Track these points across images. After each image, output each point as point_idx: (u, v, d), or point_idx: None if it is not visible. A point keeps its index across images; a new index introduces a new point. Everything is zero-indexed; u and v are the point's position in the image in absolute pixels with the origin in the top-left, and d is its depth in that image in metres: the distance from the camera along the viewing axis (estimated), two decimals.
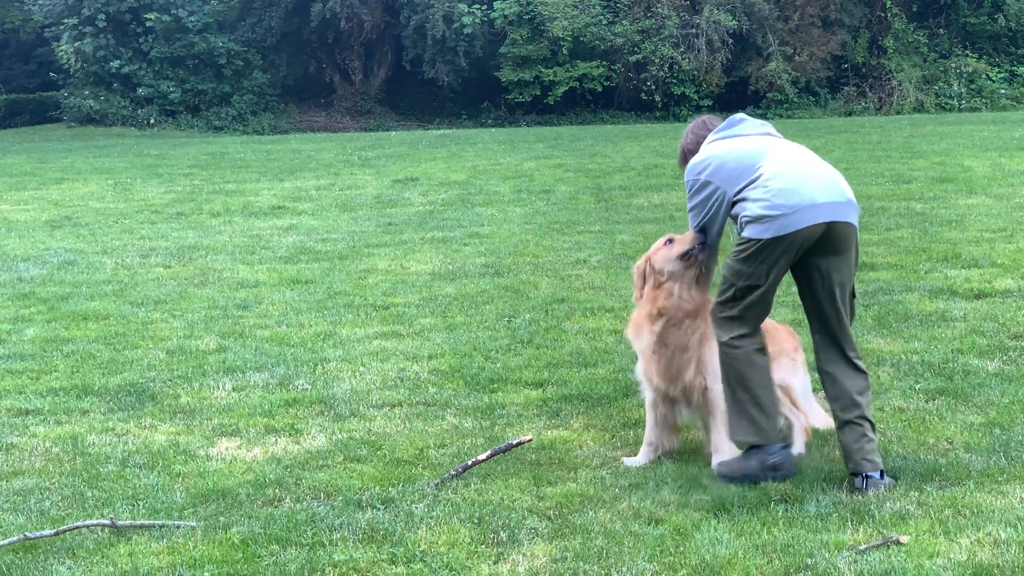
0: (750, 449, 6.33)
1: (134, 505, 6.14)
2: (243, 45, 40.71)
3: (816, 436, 6.87)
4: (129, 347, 9.56)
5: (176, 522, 5.86)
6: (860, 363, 6.41)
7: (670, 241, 6.66)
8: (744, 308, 6.34)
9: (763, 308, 6.44)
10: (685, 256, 6.53)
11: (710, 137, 6.56)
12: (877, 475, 6.09)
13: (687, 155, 6.61)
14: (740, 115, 6.70)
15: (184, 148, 29.65)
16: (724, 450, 6.47)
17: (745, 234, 6.22)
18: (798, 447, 6.64)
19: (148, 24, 39.49)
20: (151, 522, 5.85)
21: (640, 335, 6.70)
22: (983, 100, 37.58)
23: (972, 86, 38.30)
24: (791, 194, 6.12)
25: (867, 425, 6.20)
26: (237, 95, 40.53)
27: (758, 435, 6.29)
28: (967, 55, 39.22)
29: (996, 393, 7.54)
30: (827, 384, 6.37)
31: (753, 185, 6.22)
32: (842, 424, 6.24)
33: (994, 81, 38.27)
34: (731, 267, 6.31)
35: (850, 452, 6.16)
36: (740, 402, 6.34)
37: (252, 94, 40.87)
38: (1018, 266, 11.29)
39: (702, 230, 6.47)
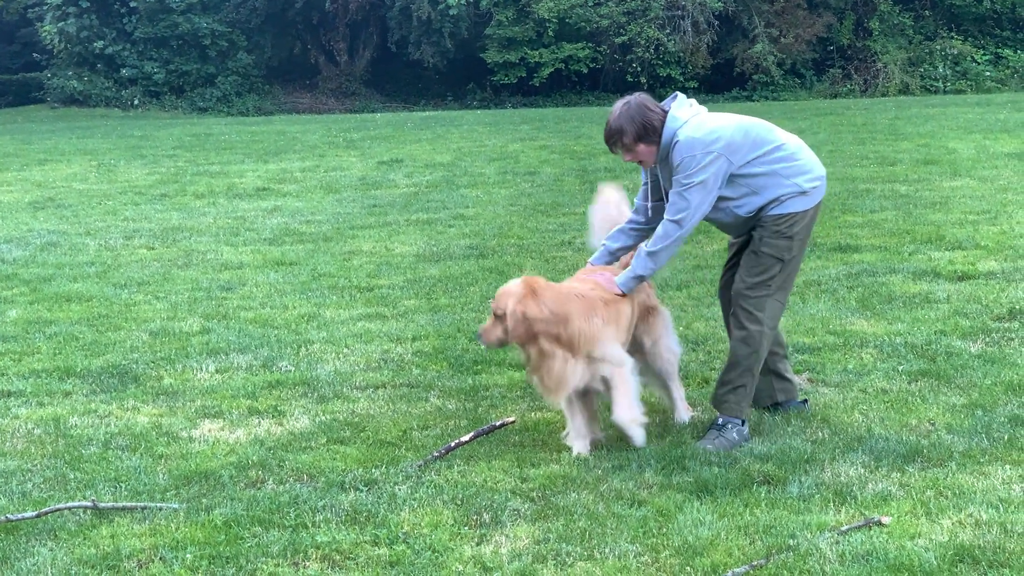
0: (728, 422, 6.59)
1: (116, 487, 6.13)
2: (228, 26, 40.53)
3: (806, 418, 6.89)
4: (112, 329, 9.54)
5: (159, 504, 5.85)
6: None
7: None
8: (783, 280, 6.64)
9: (794, 280, 6.84)
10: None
11: (684, 112, 6.52)
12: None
13: (649, 131, 6.48)
14: (677, 93, 6.79)
15: (168, 129, 29.55)
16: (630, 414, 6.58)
17: (787, 209, 6.52)
18: (685, 418, 7.01)
19: (132, 4, 39.30)
20: (133, 504, 5.84)
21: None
22: (968, 82, 37.61)
23: (957, 68, 38.32)
24: (817, 165, 6.70)
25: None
26: (222, 76, 40.38)
27: (747, 412, 6.67)
28: (952, 37, 39.23)
29: (979, 375, 7.55)
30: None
31: (782, 159, 6.51)
32: (782, 358, 7.06)
33: (979, 63, 38.29)
34: (776, 245, 6.54)
35: (791, 382, 7.07)
36: (753, 380, 6.69)
37: (237, 75, 40.72)
38: (1001, 248, 11.31)
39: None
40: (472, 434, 6.57)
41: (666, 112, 6.52)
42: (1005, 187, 15.00)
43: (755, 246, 6.61)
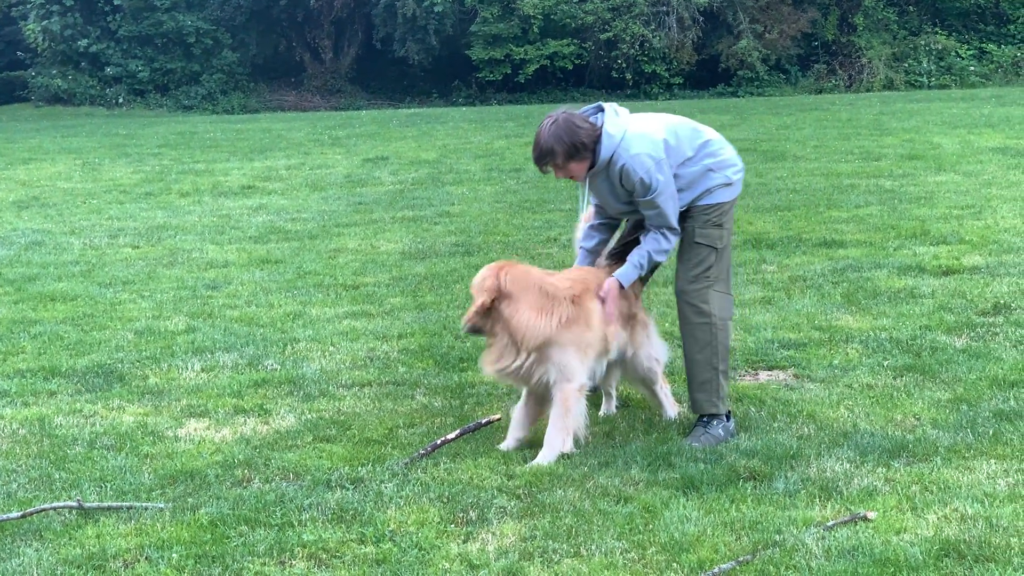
0: (712, 419, 6.62)
1: (102, 487, 6.11)
2: (212, 23, 40.43)
3: (791, 414, 6.90)
4: (97, 328, 9.51)
5: (144, 504, 5.83)
6: None
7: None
8: (719, 270, 6.72)
9: (730, 272, 6.90)
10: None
11: (616, 127, 6.50)
12: None
13: (580, 149, 6.46)
14: (600, 103, 6.79)
15: (153, 128, 29.49)
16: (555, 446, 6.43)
17: (716, 200, 6.67)
18: (672, 414, 7.01)
19: (116, 2, 39.18)
20: (119, 504, 5.83)
21: None
22: (952, 77, 37.69)
23: (941, 63, 38.40)
24: (738, 158, 6.89)
25: None
26: (206, 74, 40.28)
27: (725, 405, 6.68)
28: (936, 32, 39.31)
29: (963, 369, 7.57)
30: None
31: (710, 154, 6.69)
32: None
33: (963, 58, 38.37)
34: (708, 234, 6.66)
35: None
36: (718, 372, 6.68)
37: (221, 73, 40.62)
38: (986, 243, 11.34)
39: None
40: (458, 432, 6.57)
41: (595, 126, 6.50)
42: (989, 182, 15.04)
43: (688, 239, 6.70)
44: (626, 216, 6.84)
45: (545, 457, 6.35)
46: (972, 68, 37.84)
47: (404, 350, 8.64)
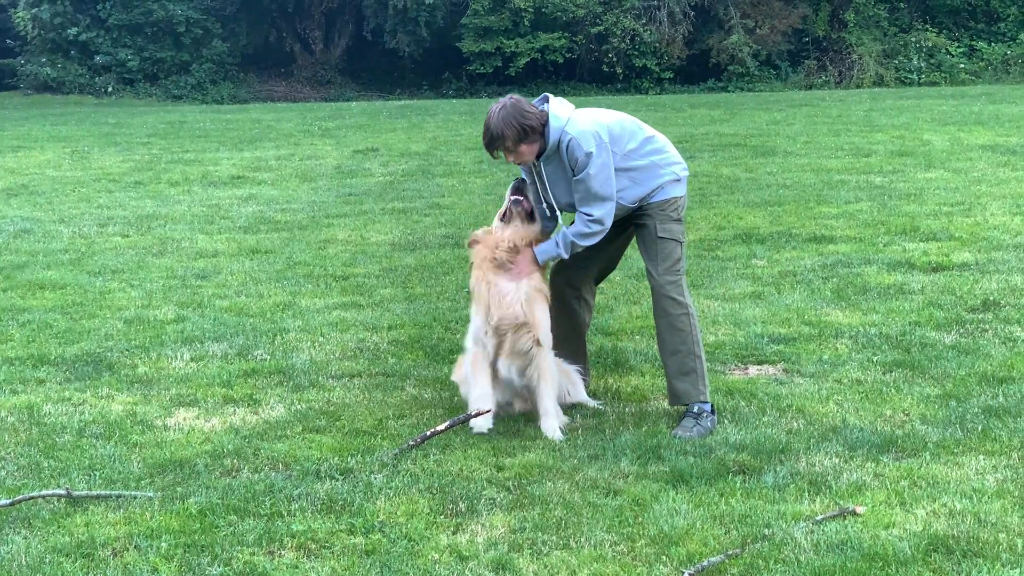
0: (701, 412, 6.69)
1: (90, 475, 6.10)
2: (202, 13, 40.32)
3: (781, 408, 6.92)
4: (86, 316, 9.49)
5: (133, 492, 5.83)
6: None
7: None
8: (685, 263, 6.97)
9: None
10: (504, 217, 6.97)
11: (562, 111, 6.71)
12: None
13: (528, 132, 6.62)
14: (546, 94, 7.00)
15: (142, 117, 29.41)
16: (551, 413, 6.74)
17: (669, 195, 6.87)
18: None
19: None
20: (107, 492, 5.82)
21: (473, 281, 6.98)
22: (942, 74, 37.74)
23: (931, 60, 38.45)
24: (681, 158, 7.05)
25: None
26: (196, 64, 40.18)
27: (708, 394, 6.79)
28: (927, 29, 39.36)
29: (952, 365, 7.59)
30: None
31: (655, 151, 6.87)
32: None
33: (953, 55, 38.43)
34: (670, 229, 6.86)
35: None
36: (699, 360, 6.82)
37: (211, 63, 40.52)
38: (975, 239, 11.37)
39: (519, 189, 6.96)
40: (448, 423, 6.57)
41: (543, 112, 6.68)
42: (979, 179, 15.07)
43: (652, 235, 6.88)
44: (574, 208, 6.90)
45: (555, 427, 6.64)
46: (962, 65, 37.91)
47: (394, 341, 8.64)
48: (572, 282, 7.17)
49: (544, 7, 38.33)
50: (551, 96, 6.84)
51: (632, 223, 6.99)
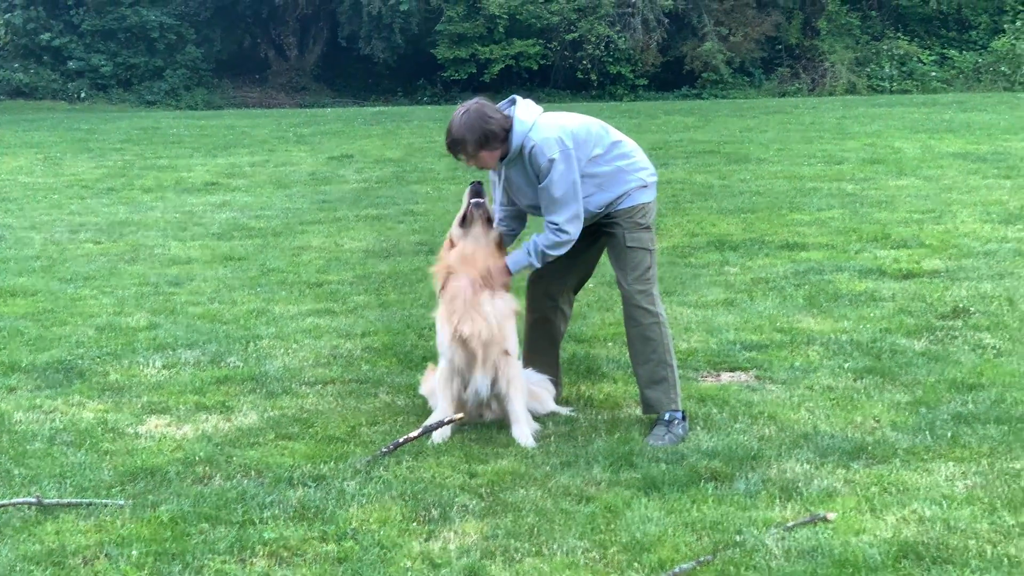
0: (672, 419, 6.69)
1: (61, 483, 6.08)
2: (176, 19, 40.18)
3: (753, 415, 6.94)
4: (58, 324, 9.46)
5: (104, 500, 5.81)
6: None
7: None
8: (655, 272, 6.93)
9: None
10: (464, 221, 6.86)
11: (528, 115, 6.67)
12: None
13: (490, 139, 6.60)
14: (514, 96, 6.95)
15: (115, 123, 29.30)
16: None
17: (636, 201, 6.81)
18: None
19: None
20: (78, 500, 5.80)
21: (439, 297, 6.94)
22: (914, 82, 37.93)
23: (903, 68, 38.63)
24: (650, 163, 6.99)
25: None
26: (170, 69, 40.03)
27: (680, 402, 6.80)
28: (899, 38, 39.55)
29: (923, 372, 7.64)
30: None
31: (621, 156, 6.82)
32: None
33: (925, 64, 38.63)
34: (639, 238, 6.82)
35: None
36: (671, 368, 6.82)
37: (185, 68, 40.38)
38: (946, 247, 11.43)
39: (478, 191, 6.91)
40: (420, 430, 6.57)
41: (508, 117, 6.64)
42: (950, 187, 15.16)
43: (620, 245, 6.86)
44: (537, 210, 6.88)
45: (527, 434, 6.66)
46: (934, 74, 38.10)
47: (367, 348, 8.64)
48: (549, 292, 7.16)
49: (518, 14, 38.37)
50: (519, 99, 6.80)
51: (602, 231, 6.98)
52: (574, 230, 6.68)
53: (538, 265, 6.82)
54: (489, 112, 6.60)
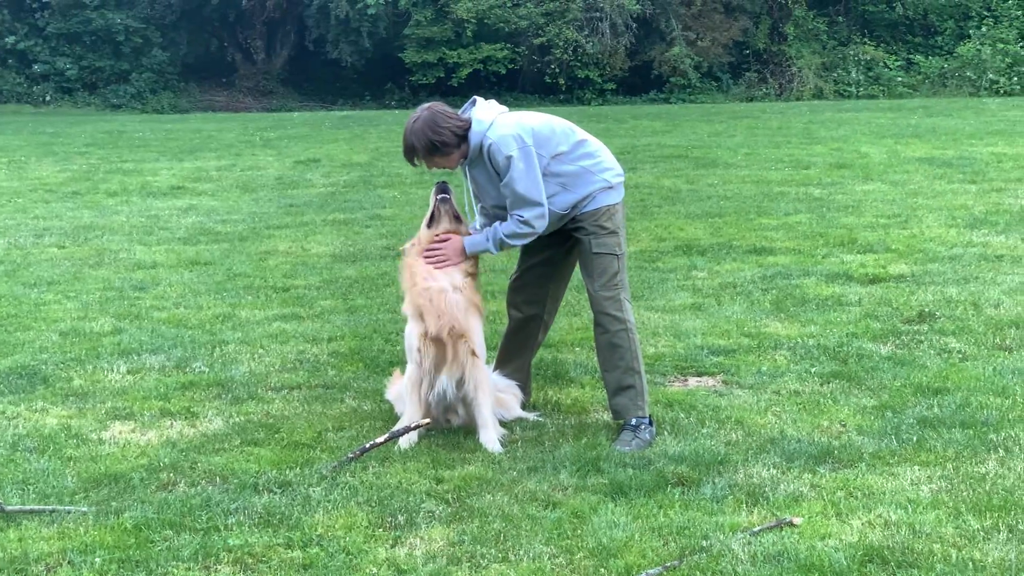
0: (639, 424, 6.68)
1: (24, 490, 6.02)
2: (142, 22, 39.99)
3: (720, 419, 6.95)
4: (21, 329, 9.38)
5: (67, 507, 5.76)
6: None
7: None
8: (624, 276, 6.87)
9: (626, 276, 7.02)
10: (431, 220, 6.88)
11: (486, 114, 6.67)
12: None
13: (438, 146, 6.60)
14: (475, 97, 6.95)
15: (80, 126, 29.14)
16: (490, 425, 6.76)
17: (600, 203, 6.77)
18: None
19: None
20: (41, 507, 5.75)
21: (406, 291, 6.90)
22: (880, 87, 38.13)
23: (870, 73, 38.83)
24: (617, 164, 6.96)
25: None
26: (136, 73, 39.83)
27: (647, 409, 6.79)
28: (865, 43, 39.76)
29: (889, 376, 7.66)
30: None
31: (586, 155, 6.78)
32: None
33: (891, 69, 38.83)
34: (605, 243, 6.77)
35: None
36: (639, 375, 6.79)
37: (151, 72, 40.19)
38: (912, 251, 11.49)
39: (444, 188, 6.90)
40: (387, 435, 6.54)
41: (464, 119, 6.64)
42: (915, 191, 15.24)
43: (587, 251, 6.83)
44: (503, 210, 6.84)
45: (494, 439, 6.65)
46: (900, 79, 38.31)
47: (334, 353, 8.60)
48: (529, 299, 7.13)
49: (487, 18, 38.37)
50: (479, 99, 6.79)
51: (572, 237, 6.96)
52: (539, 225, 6.66)
53: (495, 252, 6.79)
54: (439, 120, 6.57)
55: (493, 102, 6.82)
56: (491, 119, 6.64)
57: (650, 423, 6.73)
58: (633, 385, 6.76)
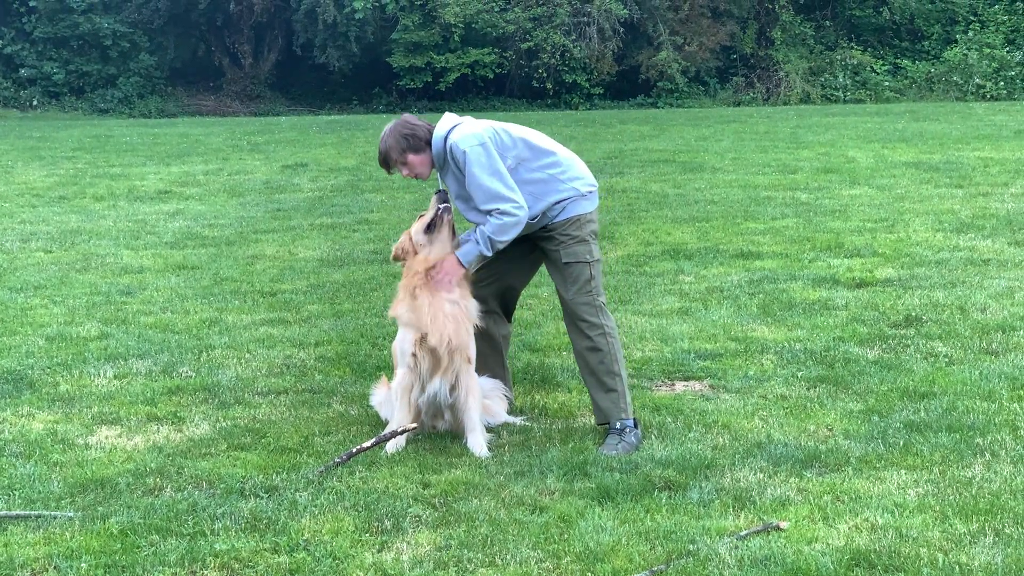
0: (624, 428, 6.69)
1: (10, 495, 6.01)
2: (129, 26, 39.90)
3: (707, 424, 6.95)
4: (7, 333, 9.36)
5: (53, 512, 5.75)
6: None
7: (421, 216, 7.02)
8: (599, 283, 6.87)
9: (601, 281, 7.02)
10: (430, 226, 6.86)
11: (448, 122, 6.83)
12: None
13: (412, 141, 6.77)
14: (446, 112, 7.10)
15: (68, 131, 29.07)
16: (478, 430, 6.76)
17: (571, 213, 6.78)
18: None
19: (31, 4, 38.58)
20: (27, 512, 5.74)
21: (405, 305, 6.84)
22: (867, 92, 38.18)
23: (857, 78, 38.89)
24: (589, 175, 6.98)
25: None
26: (123, 77, 39.74)
27: (631, 411, 6.81)
28: (852, 47, 39.82)
29: (875, 381, 7.67)
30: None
31: (553, 164, 6.80)
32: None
33: (878, 73, 38.89)
34: (575, 252, 6.77)
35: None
36: (620, 379, 6.81)
37: (139, 76, 40.11)
38: (898, 255, 11.51)
39: (445, 198, 6.91)
40: (374, 440, 6.54)
41: (431, 127, 6.82)
42: (902, 196, 15.27)
43: (557, 262, 6.85)
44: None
45: (482, 444, 6.63)
46: (887, 83, 38.38)
47: (321, 358, 8.59)
48: (480, 295, 7.07)
49: (474, 23, 38.36)
50: (447, 114, 6.95)
51: (538, 246, 6.94)
52: (518, 213, 6.62)
53: (489, 254, 6.76)
54: (410, 120, 6.85)
55: (457, 115, 6.96)
56: (452, 125, 6.78)
57: (635, 426, 6.73)
58: (615, 388, 6.77)
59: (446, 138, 6.74)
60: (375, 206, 15.93)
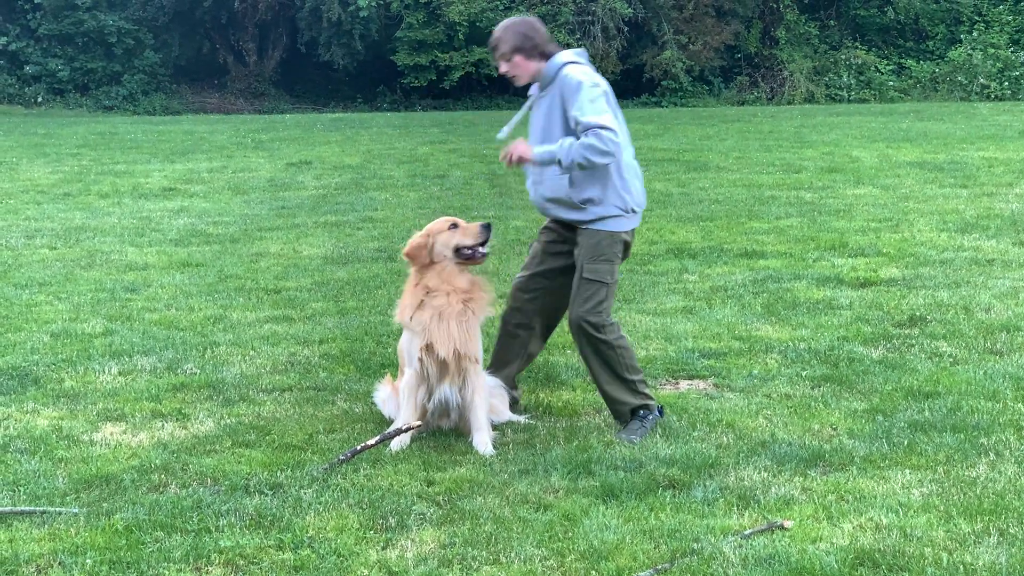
0: (647, 415, 6.82)
1: (15, 491, 6.02)
2: (134, 23, 39.92)
3: (711, 422, 6.96)
4: (12, 330, 9.36)
5: (58, 508, 5.75)
6: None
7: (454, 226, 6.95)
8: (610, 305, 6.83)
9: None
10: (461, 251, 6.83)
11: (570, 56, 6.74)
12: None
13: (527, 46, 6.68)
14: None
15: (72, 127, 29.10)
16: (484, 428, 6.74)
17: (609, 227, 6.70)
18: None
19: (36, 1, 38.61)
20: (32, 508, 5.74)
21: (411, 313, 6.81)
22: (872, 92, 38.18)
23: (861, 78, 38.89)
24: (643, 196, 6.86)
25: None
26: (128, 74, 39.76)
27: (643, 395, 6.86)
28: (857, 47, 39.82)
29: (879, 380, 7.67)
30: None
31: (626, 166, 6.69)
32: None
33: (882, 73, 38.90)
34: (599, 271, 6.71)
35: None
36: (632, 383, 6.85)
37: (143, 74, 40.12)
38: (903, 255, 11.51)
39: (487, 227, 6.88)
40: (378, 437, 6.54)
41: (552, 44, 6.75)
42: (907, 195, 15.27)
43: (579, 273, 6.80)
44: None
45: (487, 442, 6.63)
46: (891, 83, 38.37)
47: (325, 355, 8.60)
48: (521, 307, 7.13)
49: (479, 21, 38.35)
50: (572, 49, 6.84)
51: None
52: (611, 143, 6.41)
53: (565, 162, 6.52)
54: (538, 27, 6.72)
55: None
56: (572, 59, 6.68)
57: (659, 412, 6.87)
58: (628, 389, 6.81)
59: (563, 66, 6.64)
60: (379, 204, 15.93)
